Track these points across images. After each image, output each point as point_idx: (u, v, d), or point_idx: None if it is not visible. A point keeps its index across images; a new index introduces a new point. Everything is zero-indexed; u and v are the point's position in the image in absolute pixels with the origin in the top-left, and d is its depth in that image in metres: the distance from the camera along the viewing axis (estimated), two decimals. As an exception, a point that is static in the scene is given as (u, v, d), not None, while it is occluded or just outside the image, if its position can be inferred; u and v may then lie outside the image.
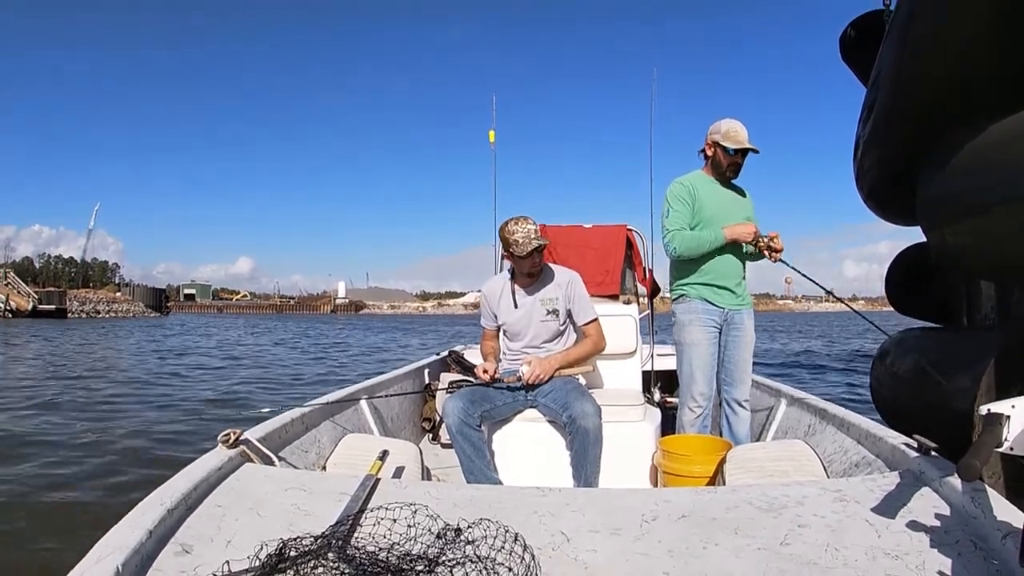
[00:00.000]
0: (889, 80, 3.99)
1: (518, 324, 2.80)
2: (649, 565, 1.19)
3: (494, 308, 2.85)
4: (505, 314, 2.82)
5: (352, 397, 2.94)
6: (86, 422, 6.64)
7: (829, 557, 1.19)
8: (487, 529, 1.19)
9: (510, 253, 2.66)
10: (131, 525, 1.21)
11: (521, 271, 2.74)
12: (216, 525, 1.32)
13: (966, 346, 3.88)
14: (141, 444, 5.62)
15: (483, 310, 2.90)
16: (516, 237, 2.59)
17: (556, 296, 2.78)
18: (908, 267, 5.63)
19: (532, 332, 2.79)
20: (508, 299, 2.82)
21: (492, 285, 2.88)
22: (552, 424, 2.61)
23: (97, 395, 8.63)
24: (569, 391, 2.60)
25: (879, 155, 4.49)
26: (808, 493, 1.50)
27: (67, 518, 3.62)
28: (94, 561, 1.08)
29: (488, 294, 2.87)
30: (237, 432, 1.75)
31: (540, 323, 2.77)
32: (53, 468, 4.79)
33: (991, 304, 4.55)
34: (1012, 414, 1.15)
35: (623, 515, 1.40)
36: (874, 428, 2.01)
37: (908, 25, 3.59)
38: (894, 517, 1.33)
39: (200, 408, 7.68)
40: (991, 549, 1.15)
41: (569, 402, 2.52)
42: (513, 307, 2.79)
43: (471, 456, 2.48)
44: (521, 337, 2.81)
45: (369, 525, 1.25)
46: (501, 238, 2.67)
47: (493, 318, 2.87)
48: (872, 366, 5.98)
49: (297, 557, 1.11)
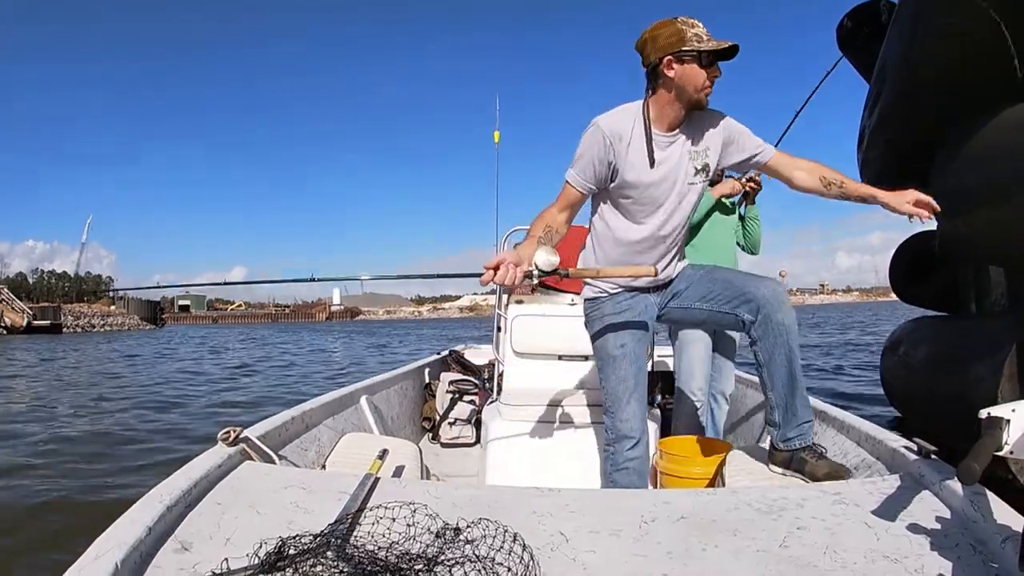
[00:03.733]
0: (897, 70, 4.01)
1: (652, 192, 1.89)
2: (648, 566, 1.19)
3: (613, 156, 1.84)
4: (633, 171, 1.85)
5: (352, 396, 2.94)
6: (89, 428, 6.67)
7: (828, 560, 1.19)
8: (486, 529, 1.19)
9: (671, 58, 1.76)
10: (130, 522, 1.21)
11: (696, 91, 1.79)
12: (215, 523, 1.32)
13: (984, 334, 3.92)
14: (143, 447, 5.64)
15: (585, 154, 1.85)
16: (699, 30, 1.76)
17: (708, 146, 1.91)
18: (912, 256, 5.67)
19: (669, 209, 1.91)
20: (640, 149, 1.84)
21: (615, 120, 1.85)
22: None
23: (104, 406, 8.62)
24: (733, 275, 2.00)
25: (886, 145, 4.51)
26: (807, 495, 1.50)
27: (68, 516, 3.62)
28: (93, 558, 1.08)
29: (609, 130, 1.83)
30: (237, 430, 1.75)
31: (686, 186, 1.91)
32: (55, 470, 4.80)
33: (1000, 291, 4.58)
34: (1012, 418, 1.15)
35: (622, 516, 1.40)
36: (874, 431, 2.01)
37: (917, 15, 3.60)
38: (893, 520, 1.33)
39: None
40: (991, 553, 1.15)
41: (745, 287, 1.89)
42: (648, 165, 1.85)
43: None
44: (647, 215, 1.92)
45: (368, 524, 1.25)
46: (653, 39, 1.79)
47: (602, 169, 1.85)
48: (883, 356, 6.01)
49: (296, 555, 1.11)
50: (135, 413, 7.56)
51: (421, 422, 3.91)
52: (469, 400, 3.83)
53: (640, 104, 1.88)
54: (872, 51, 5.11)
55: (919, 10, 3.55)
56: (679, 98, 1.81)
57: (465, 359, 4.55)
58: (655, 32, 1.80)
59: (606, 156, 1.83)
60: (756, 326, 1.89)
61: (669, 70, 1.78)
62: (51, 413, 7.73)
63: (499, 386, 3.16)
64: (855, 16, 5.48)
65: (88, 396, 9.32)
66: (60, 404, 8.45)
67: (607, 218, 1.98)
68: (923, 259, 5.42)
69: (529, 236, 1.86)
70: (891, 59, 4.02)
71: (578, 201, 1.92)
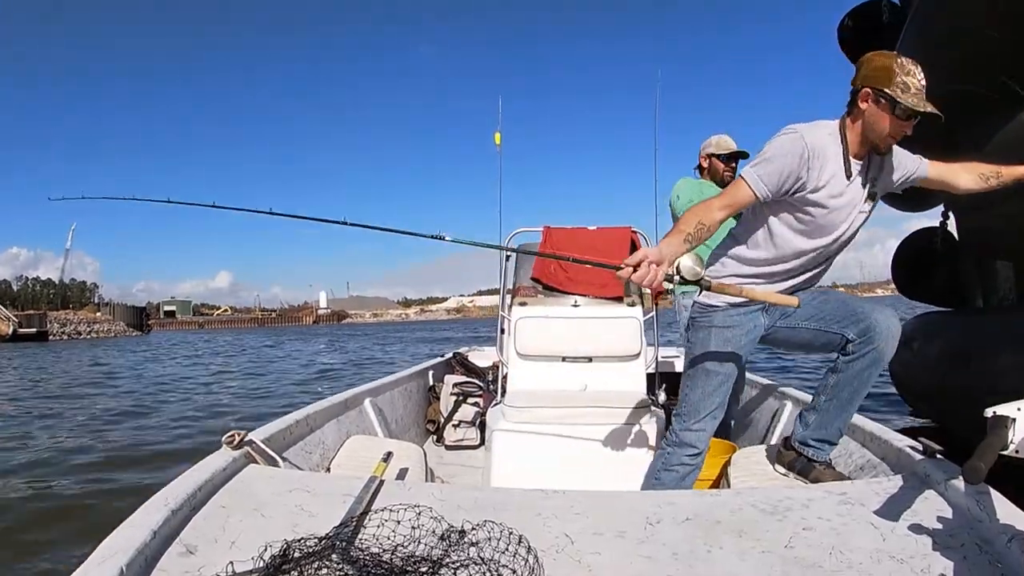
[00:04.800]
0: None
1: (830, 217, 1.80)
2: (653, 568, 1.19)
3: (806, 173, 1.73)
4: (827, 187, 1.76)
5: (356, 398, 2.94)
6: (88, 433, 6.70)
7: (834, 560, 1.19)
8: (491, 531, 1.19)
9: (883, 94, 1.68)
10: (135, 526, 1.21)
11: (878, 135, 1.74)
12: (220, 526, 1.33)
13: (1005, 327, 3.96)
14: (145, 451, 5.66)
15: (777, 161, 1.72)
16: (912, 79, 1.67)
17: (885, 176, 1.88)
18: (913, 253, 5.70)
19: (835, 235, 1.84)
20: (833, 172, 1.76)
21: (818, 136, 1.76)
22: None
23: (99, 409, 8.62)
24: (850, 298, 1.97)
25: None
26: (812, 496, 1.50)
27: (71, 520, 3.64)
28: (98, 562, 1.08)
29: (812, 145, 1.73)
30: (241, 433, 1.76)
31: (857, 214, 1.84)
32: (55, 471, 4.82)
33: (1009, 285, 4.59)
34: (1018, 417, 1.14)
35: (627, 517, 1.40)
36: (878, 431, 2.00)
37: (936, 13, 3.63)
38: (899, 520, 1.32)
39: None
40: (996, 552, 1.15)
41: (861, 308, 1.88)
42: (837, 190, 1.77)
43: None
44: (813, 236, 1.83)
45: (373, 527, 1.25)
46: (875, 66, 1.72)
47: (790, 182, 1.74)
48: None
49: (301, 558, 1.11)
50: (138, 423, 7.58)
51: (425, 424, 3.91)
52: (473, 402, 3.83)
53: (837, 124, 1.81)
54: (872, 50, 5.12)
55: (937, 11, 3.59)
56: (863, 133, 1.76)
57: (469, 361, 4.55)
58: (871, 58, 1.75)
59: (798, 170, 1.72)
60: (856, 343, 1.85)
61: (864, 102, 1.73)
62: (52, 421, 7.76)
63: (503, 388, 3.16)
64: (856, 16, 5.50)
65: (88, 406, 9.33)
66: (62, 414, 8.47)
67: (768, 220, 1.86)
68: (924, 255, 5.46)
69: (676, 230, 1.71)
70: (907, 53, 4.06)
71: (747, 204, 1.79)
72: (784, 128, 1.78)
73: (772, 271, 1.89)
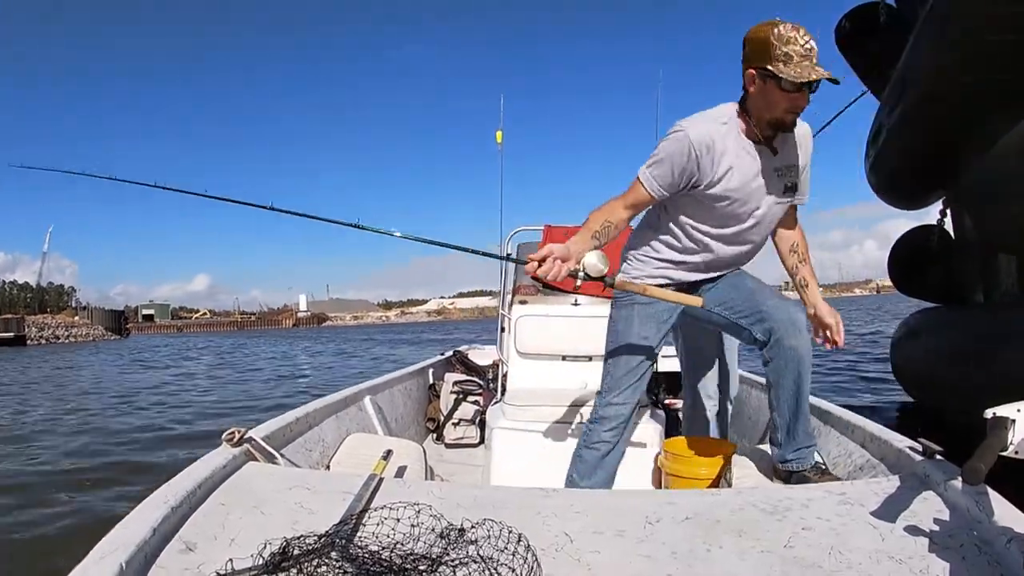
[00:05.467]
0: (925, 72, 4.10)
1: (741, 201, 1.78)
2: (653, 567, 1.19)
3: (696, 169, 1.71)
4: (726, 179, 1.73)
5: (356, 396, 2.94)
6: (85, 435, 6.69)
7: (833, 560, 1.19)
8: (490, 529, 1.19)
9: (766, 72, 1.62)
10: (135, 523, 1.21)
11: (773, 113, 1.67)
12: (220, 523, 1.33)
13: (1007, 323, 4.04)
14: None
15: (666, 160, 1.72)
16: (794, 47, 1.58)
17: (795, 164, 1.81)
18: (910, 251, 5.78)
19: (748, 225, 1.83)
20: (729, 162, 1.72)
21: (704, 129, 1.71)
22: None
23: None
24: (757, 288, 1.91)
25: (908, 142, 4.62)
26: (812, 496, 1.50)
27: (70, 517, 3.64)
28: (97, 559, 1.08)
29: (697, 141, 1.69)
30: (241, 430, 1.76)
31: (773, 205, 1.82)
32: (56, 472, 4.82)
33: (1011, 280, 4.65)
34: (1018, 418, 1.14)
35: (627, 517, 1.40)
36: (878, 431, 2.00)
37: (948, 18, 3.69)
38: (898, 520, 1.32)
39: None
40: (995, 553, 1.15)
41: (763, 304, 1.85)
42: (749, 168, 1.74)
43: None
44: (732, 224, 1.82)
45: (372, 524, 1.25)
46: (753, 42, 1.65)
47: (682, 180, 1.73)
48: (896, 346, 6.13)
49: (300, 556, 1.11)
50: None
51: (425, 423, 3.91)
52: (473, 400, 3.83)
53: (733, 109, 1.76)
54: (869, 52, 5.18)
55: (950, 13, 3.63)
56: (759, 115, 1.70)
57: (469, 359, 4.54)
58: (750, 35, 1.67)
59: (689, 168, 1.71)
60: (768, 348, 1.87)
61: (751, 85, 1.68)
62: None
63: (503, 386, 3.16)
64: (853, 17, 5.54)
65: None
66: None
67: (678, 214, 1.86)
68: (920, 253, 5.54)
69: (585, 227, 1.77)
70: (918, 61, 4.12)
71: (646, 204, 1.82)
72: (674, 124, 1.75)
73: (689, 261, 1.90)
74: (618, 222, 1.78)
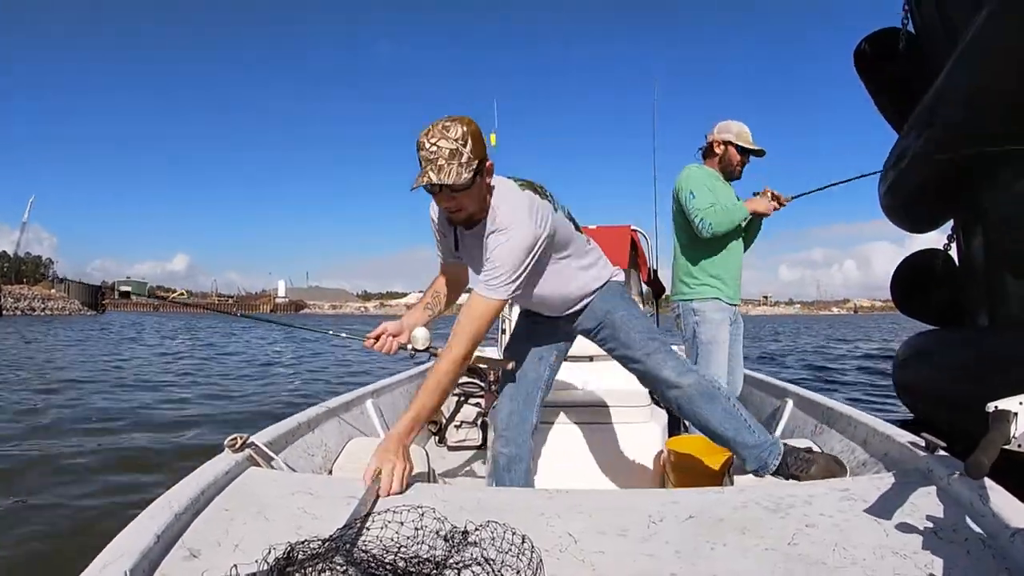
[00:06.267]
0: (962, 94, 4.24)
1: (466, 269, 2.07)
2: (656, 566, 1.19)
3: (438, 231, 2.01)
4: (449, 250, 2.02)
5: (358, 400, 2.94)
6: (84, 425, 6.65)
7: (837, 556, 1.19)
8: (494, 531, 1.19)
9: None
10: (138, 530, 1.21)
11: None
12: (223, 529, 1.33)
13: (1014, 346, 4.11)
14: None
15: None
16: (421, 153, 1.66)
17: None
18: (913, 273, 5.84)
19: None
20: (449, 231, 1.95)
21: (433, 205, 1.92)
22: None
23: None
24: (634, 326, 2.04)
25: (934, 165, 4.73)
26: (815, 492, 1.50)
27: (73, 523, 3.63)
28: (101, 566, 1.08)
29: (433, 212, 1.97)
30: (243, 436, 1.76)
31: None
32: (58, 472, 4.81)
33: (1019, 304, 4.69)
34: (1020, 411, 1.14)
35: (630, 516, 1.40)
36: (881, 427, 2.00)
37: (988, 48, 3.83)
38: (901, 516, 1.32)
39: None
40: (1000, 547, 1.15)
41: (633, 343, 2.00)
42: (452, 245, 1.98)
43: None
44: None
45: (376, 528, 1.25)
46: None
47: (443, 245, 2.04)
48: (902, 366, 6.17)
49: (305, 560, 1.11)
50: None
51: (428, 425, 3.91)
52: (475, 403, 3.83)
53: None
54: (886, 76, 5.27)
55: (990, 35, 3.77)
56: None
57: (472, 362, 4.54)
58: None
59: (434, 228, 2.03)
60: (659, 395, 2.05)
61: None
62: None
63: (504, 388, 3.16)
64: (873, 42, 5.61)
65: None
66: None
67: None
68: (923, 275, 5.61)
69: (421, 301, 2.14)
70: (954, 86, 4.24)
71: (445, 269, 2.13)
72: None
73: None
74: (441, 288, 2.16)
